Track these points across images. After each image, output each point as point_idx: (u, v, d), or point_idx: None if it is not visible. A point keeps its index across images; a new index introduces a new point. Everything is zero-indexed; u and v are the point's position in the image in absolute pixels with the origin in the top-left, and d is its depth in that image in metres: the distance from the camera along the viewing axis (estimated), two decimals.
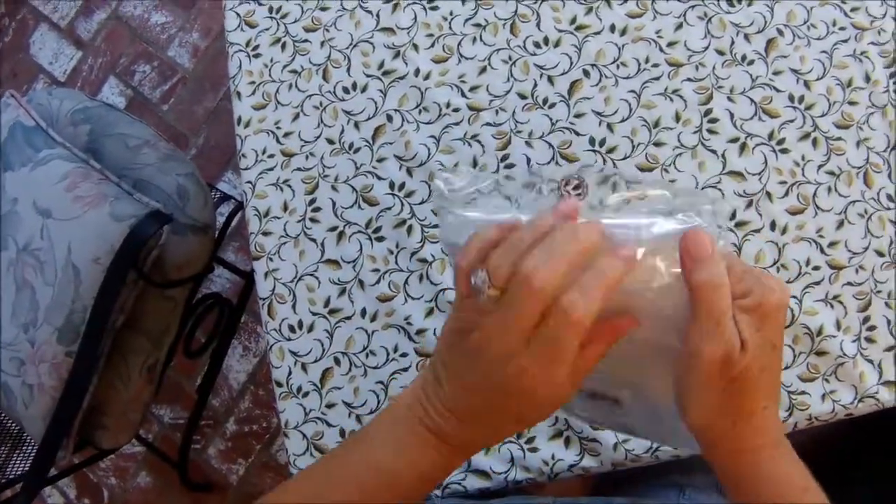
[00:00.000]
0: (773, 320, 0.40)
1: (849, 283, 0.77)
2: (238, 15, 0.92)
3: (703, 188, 0.79)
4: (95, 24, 1.94)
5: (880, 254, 0.78)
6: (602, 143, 0.81)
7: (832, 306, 0.77)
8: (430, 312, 0.81)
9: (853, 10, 0.83)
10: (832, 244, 0.78)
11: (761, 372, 0.40)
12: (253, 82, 0.90)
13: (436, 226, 0.82)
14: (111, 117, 1.23)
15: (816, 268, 0.78)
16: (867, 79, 0.81)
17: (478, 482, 0.77)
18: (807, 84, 0.81)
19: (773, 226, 0.78)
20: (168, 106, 1.85)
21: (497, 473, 0.77)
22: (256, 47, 0.91)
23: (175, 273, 1.17)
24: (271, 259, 0.86)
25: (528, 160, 0.82)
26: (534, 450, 0.77)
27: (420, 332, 0.81)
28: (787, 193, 0.79)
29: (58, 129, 1.14)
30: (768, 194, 0.79)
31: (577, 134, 0.82)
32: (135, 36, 1.90)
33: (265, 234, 0.87)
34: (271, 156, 0.88)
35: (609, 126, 0.82)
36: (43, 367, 1.02)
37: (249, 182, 0.88)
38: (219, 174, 1.79)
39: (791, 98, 0.81)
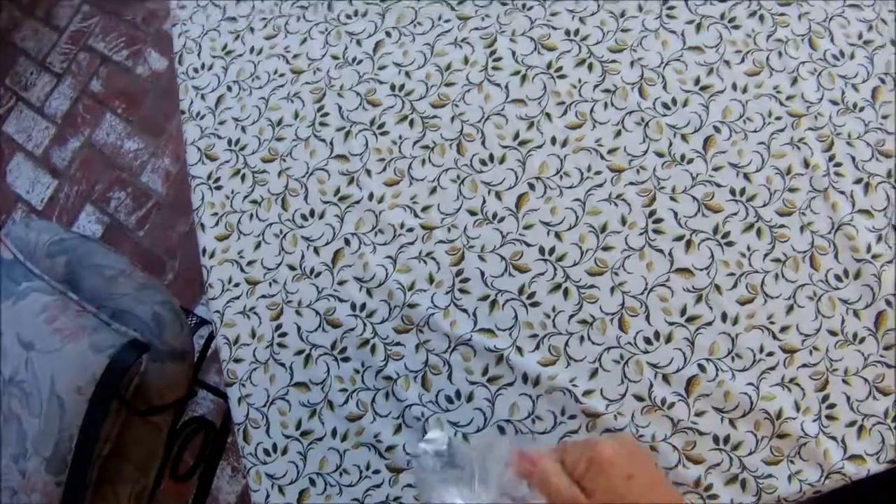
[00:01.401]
0: (611, 466, 0.57)
1: (804, 365, 0.87)
2: (199, 149, 1.04)
3: (652, 287, 0.88)
4: (70, 153, 2.11)
5: (833, 333, 0.87)
6: (552, 251, 0.91)
7: (789, 389, 0.86)
8: (398, 429, 0.89)
9: (788, 98, 0.93)
10: (784, 329, 0.87)
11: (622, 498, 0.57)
12: (216, 213, 1.00)
13: (398, 343, 0.90)
14: (87, 248, 1.34)
15: (770, 353, 0.87)
16: (806, 164, 0.92)
17: None
18: (747, 176, 0.91)
19: (724, 317, 0.87)
20: (144, 231, 1.99)
21: None
22: (218, 179, 1.02)
23: (157, 399, 1.26)
24: (243, 385, 0.94)
25: (482, 274, 0.91)
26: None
27: (390, 448, 0.88)
28: (735, 285, 0.88)
29: (36, 261, 1.25)
30: (717, 287, 0.88)
31: (528, 245, 0.92)
32: (108, 163, 2.07)
33: (236, 360, 0.96)
34: (237, 284, 0.97)
35: (557, 235, 0.91)
36: (35, 497, 1.10)
37: (218, 311, 0.97)
38: (197, 297, 1.89)
39: (732, 192, 0.91)
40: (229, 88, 1.07)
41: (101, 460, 1.16)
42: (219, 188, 1.03)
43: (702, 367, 0.86)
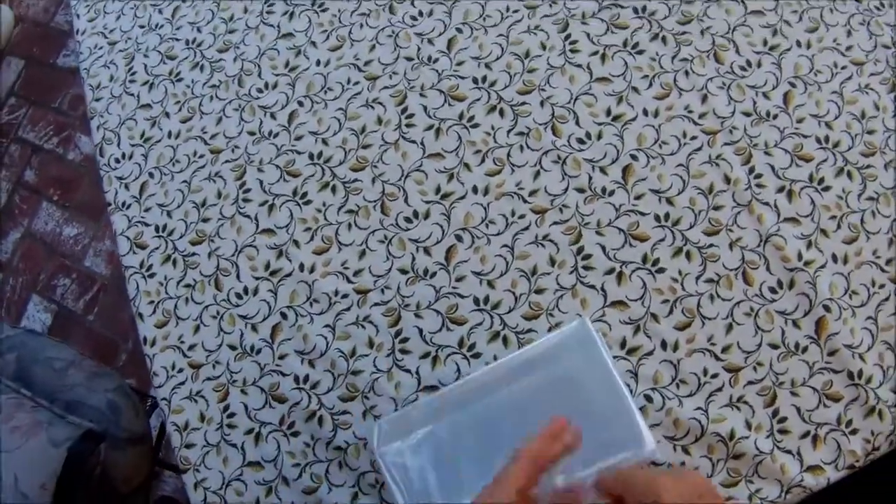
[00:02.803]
0: None
1: (750, 383, 0.89)
2: (128, 238, 1.07)
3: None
4: (11, 245, 2.14)
5: (774, 346, 0.89)
6: (486, 300, 0.95)
7: (738, 409, 0.88)
8: (354, 497, 0.92)
9: (700, 116, 0.98)
10: (725, 349, 0.90)
11: None
12: (152, 301, 1.04)
13: (345, 412, 0.94)
14: (35, 343, 1.37)
15: (715, 375, 0.89)
16: (727, 180, 0.95)
17: None
18: (670, 201, 0.95)
19: (664, 345, 0.90)
20: (93, 315, 2.02)
21: None
22: (150, 267, 1.05)
23: (123, 486, 1.29)
24: (198, 470, 0.97)
25: (421, 331, 0.95)
26: None
27: None
28: (671, 311, 0.91)
29: None
30: (653, 316, 0.91)
31: (461, 297, 0.95)
32: (50, 251, 2.10)
33: (188, 446, 0.98)
34: (181, 370, 1.01)
35: (490, 283, 0.95)
36: None
37: (165, 399, 1.00)
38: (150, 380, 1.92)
39: (657, 218, 0.95)
40: (151, 175, 1.09)
41: None
42: (152, 276, 1.06)
43: (648, 398, 0.90)
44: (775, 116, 0.97)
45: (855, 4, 1.02)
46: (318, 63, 1.09)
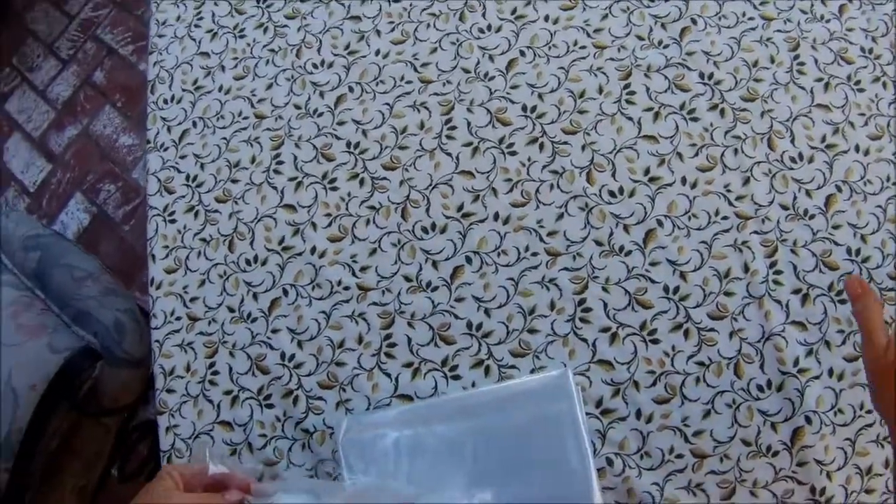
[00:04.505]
0: None
1: (713, 472, 0.88)
2: (159, 180, 1.09)
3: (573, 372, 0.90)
4: (66, 139, 2.18)
5: (747, 443, 0.89)
6: (479, 327, 0.95)
7: (694, 493, 0.88)
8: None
9: (738, 198, 0.96)
10: (697, 433, 0.89)
11: None
12: (167, 246, 1.06)
13: (320, 398, 0.95)
14: (61, 247, 1.40)
15: (680, 456, 0.89)
16: (746, 269, 0.93)
17: None
18: (683, 275, 0.94)
19: (638, 414, 0.90)
20: (129, 226, 2.06)
21: None
22: (172, 213, 1.07)
23: (109, 403, 1.32)
24: (172, 416, 1.00)
25: (409, 340, 0.95)
26: None
27: None
28: (654, 383, 0.91)
29: (10, 253, 1.31)
30: (636, 383, 0.91)
31: (456, 317, 0.95)
32: (102, 155, 2.13)
33: (169, 391, 1.01)
34: (178, 318, 1.02)
35: (486, 311, 0.95)
36: None
37: (157, 341, 1.03)
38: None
39: (666, 289, 0.93)
40: (194, 124, 1.10)
41: (48, 453, 1.23)
42: (173, 221, 1.07)
43: (609, 461, 0.89)
44: (812, 217, 0.94)
45: None
46: (377, 53, 1.08)
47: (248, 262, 1.03)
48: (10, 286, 1.26)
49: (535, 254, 0.97)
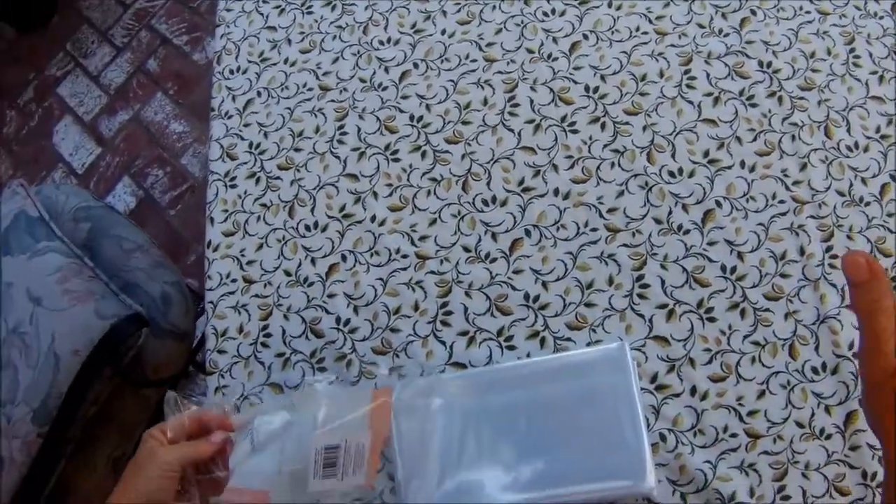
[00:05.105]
0: None
1: (766, 452, 0.87)
2: (222, 147, 1.09)
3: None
4: (117, 124, 2.20)
5: (800, 425, 0.87)
6: (536, 299, 0.94)
7: (747, 473, 0.86)
8: None
9: (795, 183, 0.95)
10: (752, 413, 0.88)
11: None
12: (226, 210, 1.06)
13: (373, 363, 0.94)
14: (112, 219, 1.40)
15: (734, 435, 0.87)
16: (802, 252, 0.92)
17: None
18: (740, 255, 0.93)
19: (693, 391, 0.88)
20: (175, 211, 2.07)
21: None
22: (234, 178, 1.07)
23: (151, 373, 1.31)
24: (222, 376, 1.00)
25: (466, 309, 0.94)
26: None
27: None
28: (710, 361, 0.89)
29: (60, 223, 1.31)
30: (691, 360, 0.89)
31: (514, 289, 0.94)
32: (152, 140, 2.15)
33: (220, 351, 1.00)
34: (234, 280, 1.02)
35: (544, 284, 0.94)
36: (15, 443, 1.15)
37: (211, 302, 1.02)
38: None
39: (723, 268, 0.93)
40: (259, 94, 1.11)
41: (85, 421, 1.22)
42: (233, 187, 1.08)
43: (662, 437, 0.88)
44: (867, 204, 0.94)
45: None
46: (443, 32, 1.08)
47: (307, 227, 1.03)
48: (59, 253, 1.26)
49: (594, 229, 0.96)
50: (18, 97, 2.33)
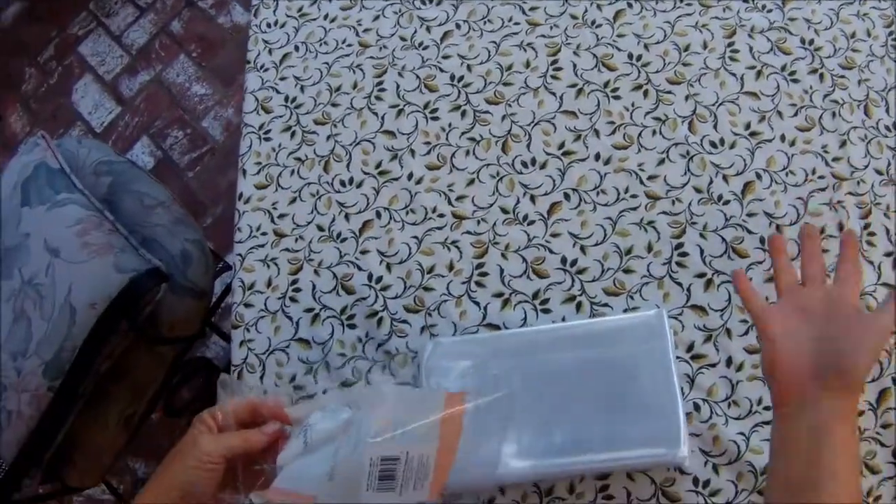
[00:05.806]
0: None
1: None
2: (256, 99, 1.06)
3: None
4: (138, 85, 2.16)
5: None
6: (573, 263, 0.91)
7: None
8: None
9: (834, 159, 0.92)
10: None
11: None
12: (259, 163, 1.03)
13: (405, 321, 0.91)
14: (133, 174, 1.36)
15: (768, 408, 0.84)
16: (840, 228, 0.90)
17: None
18: (779, 228, 0.90)
19: (728, 362, 0.86)
20: (193, 173, 2.03)
21: None
22: (268, 131, 1.04)
23: (167, 331, 1.27)
24: (248, 330, 0.97)
25: (502, 271, 0.92)
26: None
27: None
28: (747, 332, 0.87)
29: (80, 176, 1.27)
30: (728, 331, 0.87)
31: (551, 252, 0.92)
32: (173, 102, 2.12)
33: (247, 305, 0.98)
34: (264, 233, 0.99)
35: (582, 248, 0.91)
36: (24, 397, 1.11)
37: (240, 255, 0.99)
38: (228, 246, 1.92)
39: (762, 240, 0.91)
40: (296, 48, 1.08)
41: (98, 376, 1.18)
42: (268, 140, 1.04)
43: (696, 406, 0.85)
44: None
45: None
46: None
47: (342, 183, 1.00)
48: (79, 205, 1.21)
49: (634, 196, 0.93)
50: (39, 55, 2.28)
